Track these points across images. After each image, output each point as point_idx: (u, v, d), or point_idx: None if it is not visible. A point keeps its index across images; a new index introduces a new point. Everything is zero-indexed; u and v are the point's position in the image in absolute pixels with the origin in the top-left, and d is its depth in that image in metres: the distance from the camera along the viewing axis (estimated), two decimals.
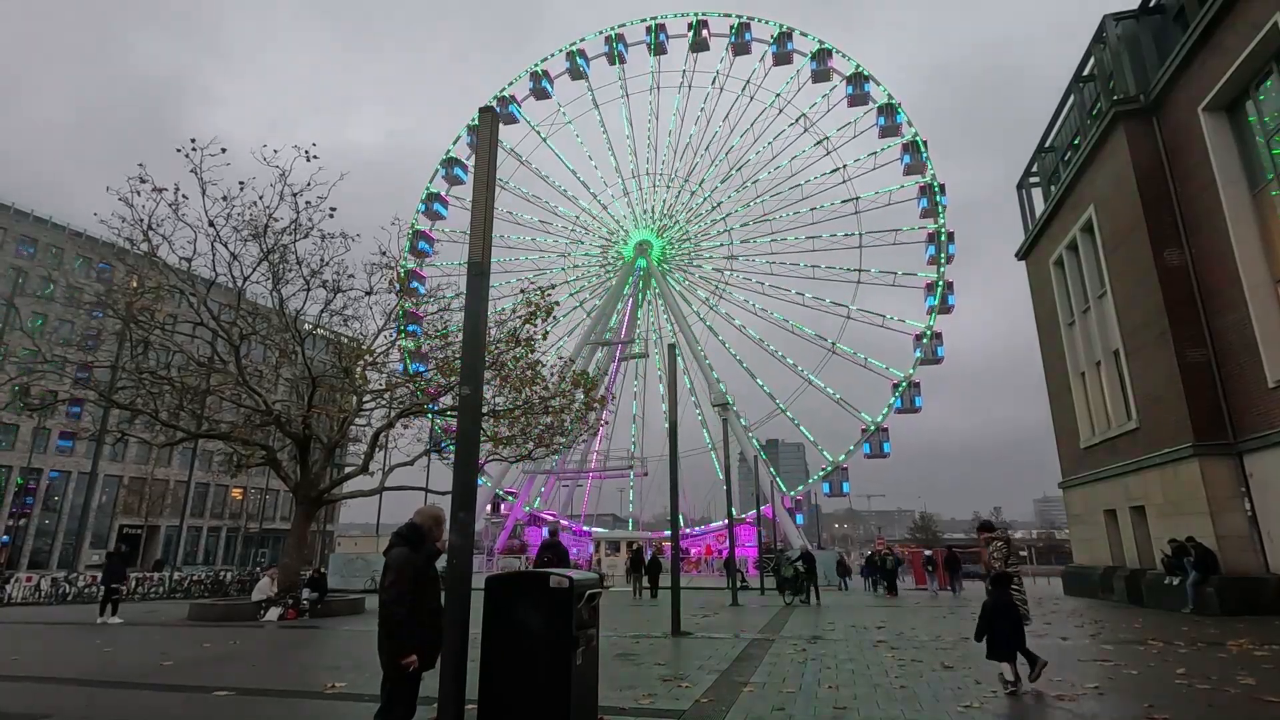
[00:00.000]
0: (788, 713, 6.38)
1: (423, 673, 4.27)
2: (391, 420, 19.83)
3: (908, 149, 46.59)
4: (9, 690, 7.81)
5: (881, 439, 46.14)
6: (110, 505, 60.23)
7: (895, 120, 46.98)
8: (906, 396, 45.60)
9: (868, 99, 47.95)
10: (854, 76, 48.35)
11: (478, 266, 5.72)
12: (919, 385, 45.87)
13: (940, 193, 46.17)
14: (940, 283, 45.39)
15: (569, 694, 4.64)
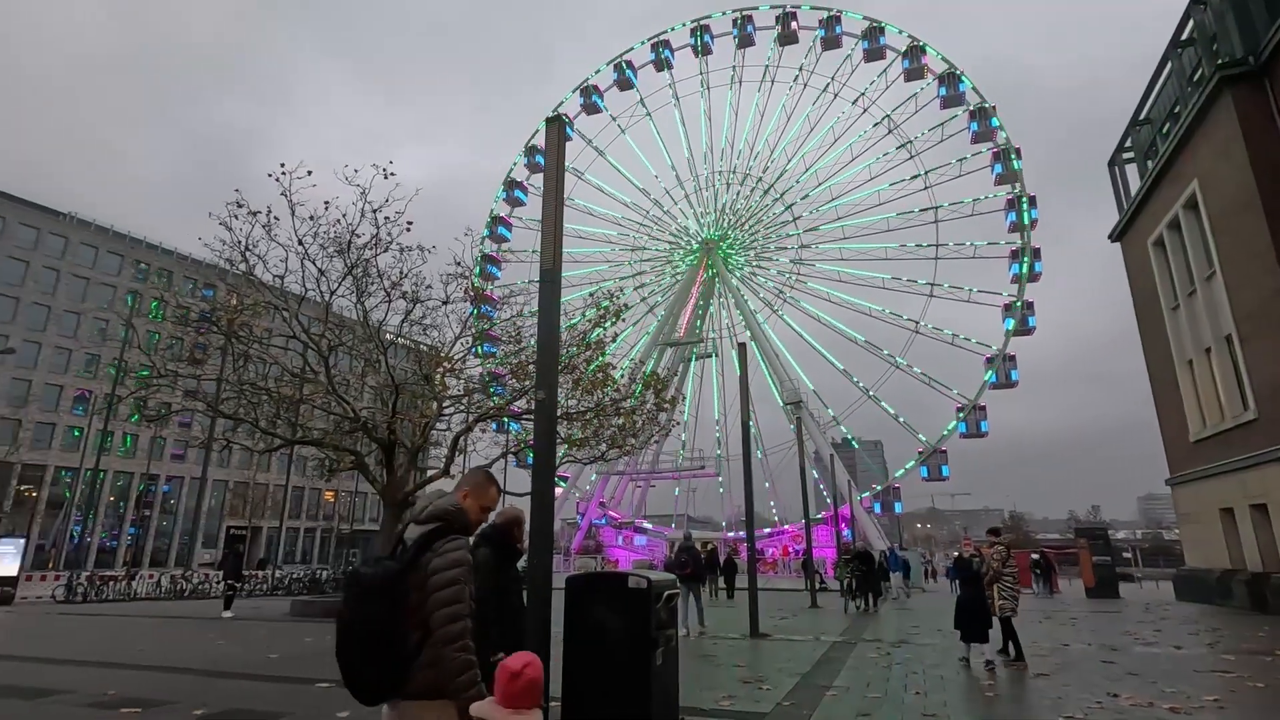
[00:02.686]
0: (874, 718, 6.21)
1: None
2: (470, 425, 20.47)
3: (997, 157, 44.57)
4: (137, 678, 8.53)
5: (978, 417, 44.38)
6: (219, 508, 64.85)
7: (989, 125, 45.01)
8: (1001, 370, 43.70)
9: (962, 100, 45.90)
10: (948, 77, 46.39)
11: (550, 274, 5.85)
12: (1014, 358, 43.93)
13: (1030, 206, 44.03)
14: (1025, 248, 43.46)
15: (649, 693, 4.68)
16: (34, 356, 55.10)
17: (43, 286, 57.45)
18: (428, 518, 2.65)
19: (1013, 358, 43.76)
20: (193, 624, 16.37)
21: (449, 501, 2.76)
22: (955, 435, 44.83)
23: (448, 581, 2.45)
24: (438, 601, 2.41)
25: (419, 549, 2.50)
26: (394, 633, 2.36)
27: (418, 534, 2.57)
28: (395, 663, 2.36)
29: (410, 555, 2.50)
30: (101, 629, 15.33)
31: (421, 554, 2.49)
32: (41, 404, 55.57)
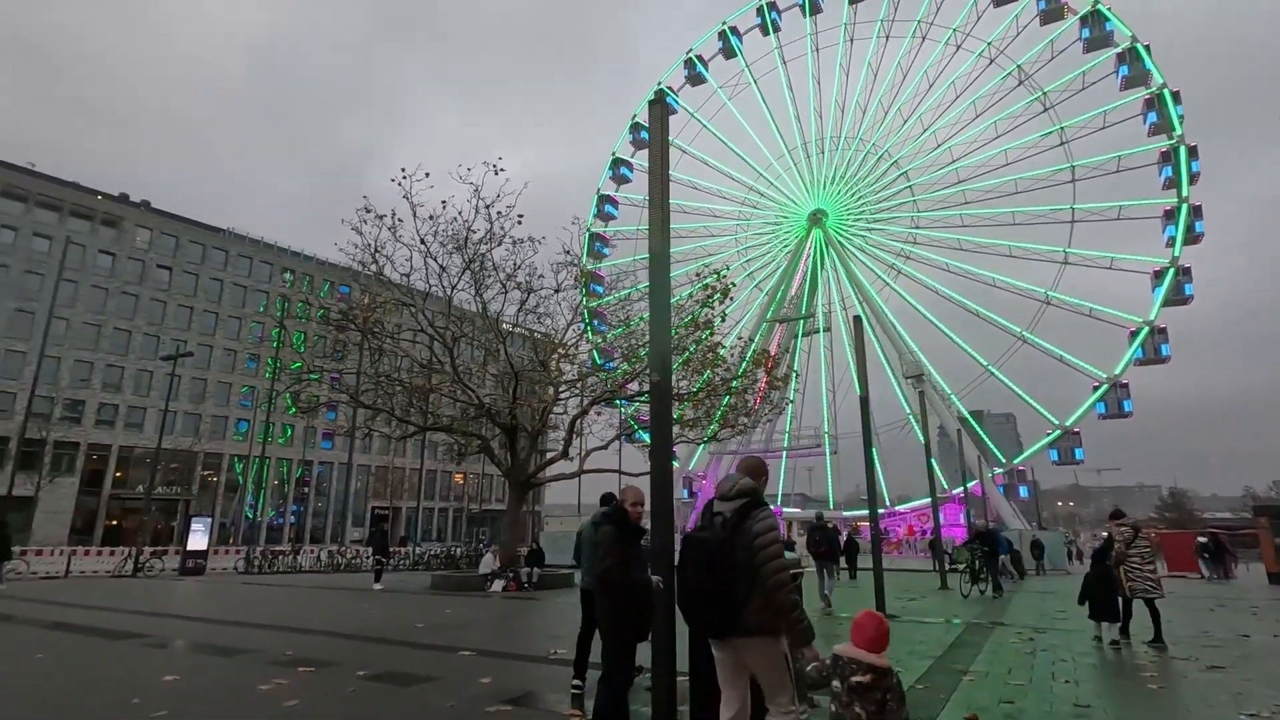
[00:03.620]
0: (1018, 706, 5.87)
1: (636, 644, 4.54)
2: (585, 408, 21.09)
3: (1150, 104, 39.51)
4: (308, 641, 9.56)
5: (1120, 396, 40.15)
6: (364, 490, 70.94)
7: (1142, 67, 39.66)
8: (1150, 345, 39.11)
9: (1109, 40, 40.91)
10: (1091, 16, 41.40)
11: (659, 257, 5.88)
12: (1164, 331, 39.20)
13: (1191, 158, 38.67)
14: (1183, 206, 38.28)
15: None
16: (207, 358, 62.35)
17: (210, 295, 64.77)
18: (736, 494, 3.38)
19: (1163, 330, 39.05)
20: (349, 594, 18.09)
21: (747, 483, 3.46)
22: (1092, 414, 40.83)
23: (770, 542, 3.17)
24: (765, 557, 3.14)
25: (739, 518, 3.23)
26: (731, 583, 3.10)
27: (732, 508, 3.30)
28: (733, 607, 3.09)
29: (733, 523, 3.22)
30: (275, 597, 17.29)
31: (743, 522, 3.21)
32: (215, 400, 62.91)
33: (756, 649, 3.21)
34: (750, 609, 3.11)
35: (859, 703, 2.85)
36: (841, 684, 2.94)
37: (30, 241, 54.88)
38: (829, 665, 3.05)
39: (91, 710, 5.84)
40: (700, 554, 3.22)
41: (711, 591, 3.15)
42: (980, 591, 17.55)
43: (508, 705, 5.78)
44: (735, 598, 3.10)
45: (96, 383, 56.44)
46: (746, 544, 3.15)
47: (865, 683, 2.87)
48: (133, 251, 60.44)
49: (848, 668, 2.94)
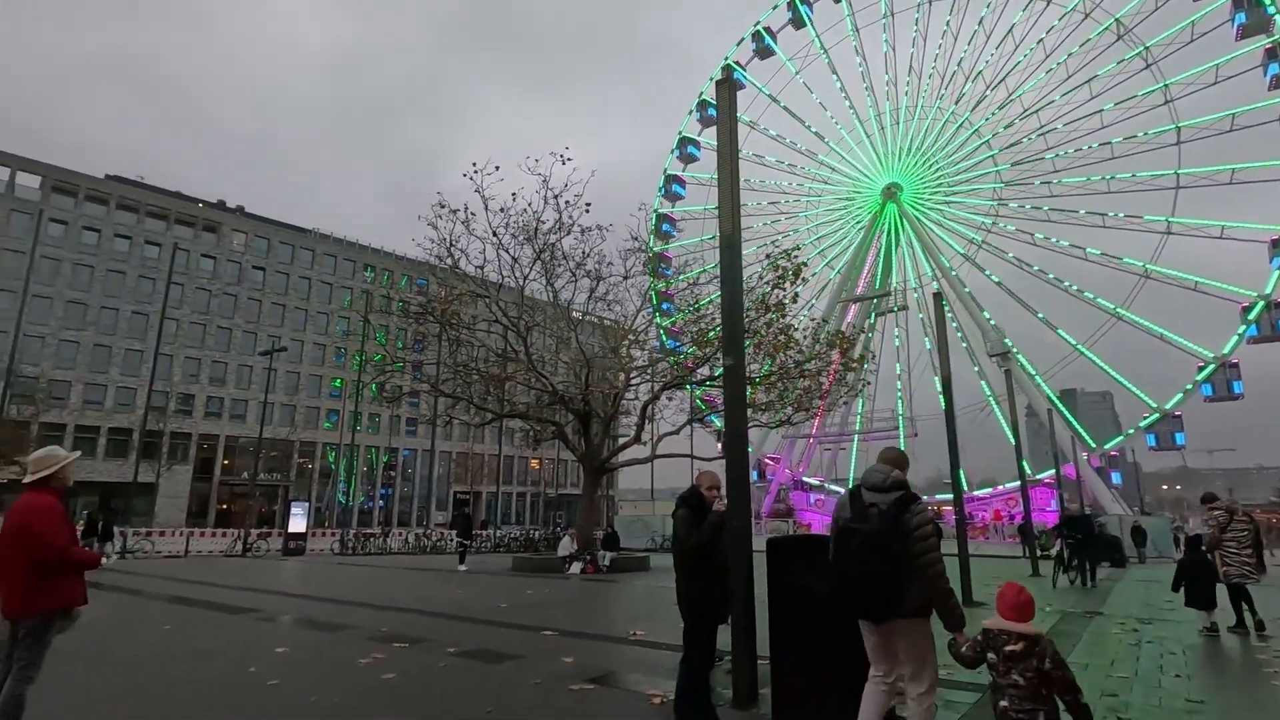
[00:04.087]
0: (1123, 700, 5.56)
1: (716, 626, 4.56)
2: (656, 393, 21.19)
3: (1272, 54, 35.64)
4: (401, 618, 10.08)
5: (1229, 377, 36.99)
6: (446, 475, 73.85)
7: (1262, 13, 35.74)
8: (1265, 321, 35.83)
9: None
10: None
11: (729, 239, 5.83)
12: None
13: None
14: None
15: (863, 661, 4.58)
16: (299, 352, 66.16)
17: (300, 293, 68.59)
18: (891, 486, 3.65)
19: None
20: (436, 575, 18.94)
21: (900, 476, 3.73)
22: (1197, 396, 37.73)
23: (928, 534, 3.47)
24: (924, 548, 3.44)
25: (898, 510, 3.51)
26: (892, 571, 3.42)
27: (888, 500, 3.57)
28: (894, 592, 3.42)
29: (891, 515, 3.50)
30: (368, 576, 18.29)
31: (901, 514, 3.49)
32: (308, 391, 66.76)
33: (909, 631, 3.54)
34: (908, 594, 3.43)
35: (1015, 670, 3.00)
36: (996, 655, 3.08)
37: (143, 249, 59.56)
38: (980, 641, 3.19)
39: (216, 676, 6.37)
40: (860, 543, 3.51)
41: (873, 578, 3.45)
42: (1070, 581, 16.60)
43: (590, 684, 5.92)
44: (895, 584, 3.42)
45: (204, 378, 60.94)
46: (905, 534, 3.45)
47: (1018, 651, 3.01)
48: (230, 254, 64.65)
49: (999, 639, 3.09)
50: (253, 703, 5.43)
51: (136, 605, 11.54)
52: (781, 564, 5.10)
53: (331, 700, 5.42)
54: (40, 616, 4.13)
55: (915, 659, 3.58)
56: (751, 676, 5.25)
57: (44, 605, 4.14)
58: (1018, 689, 2.99)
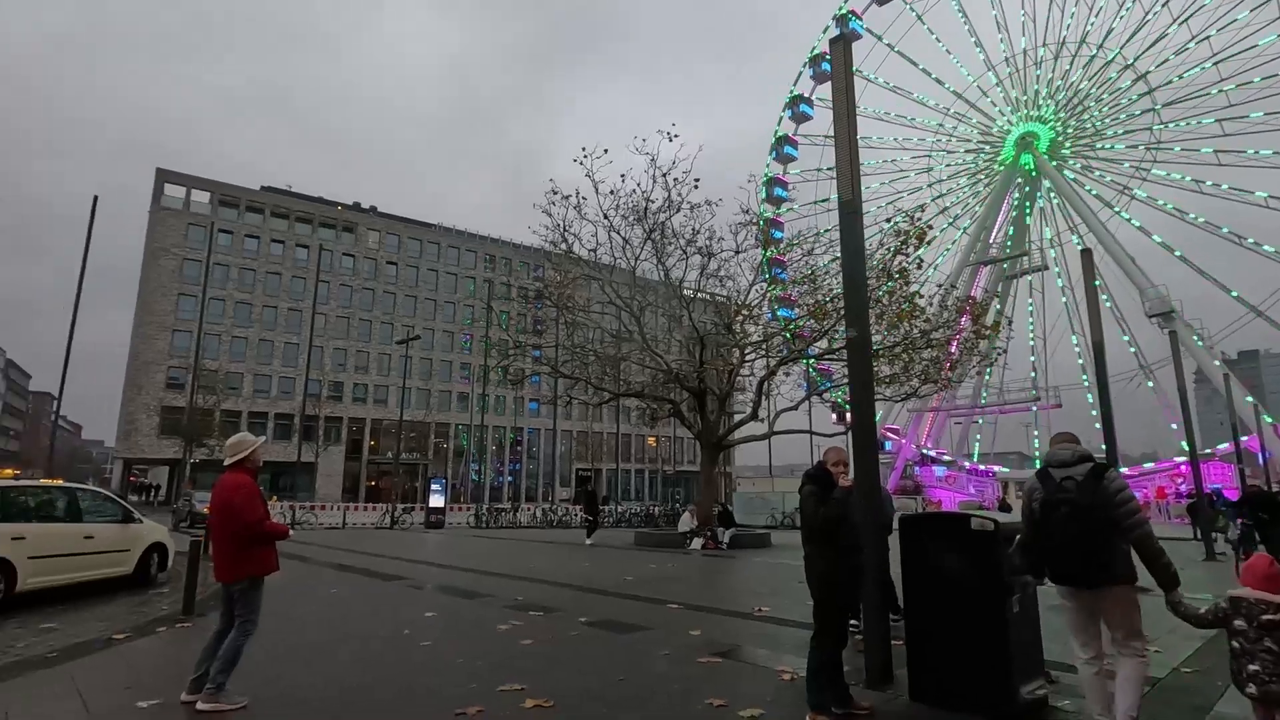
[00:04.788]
0: None
1: (848, 603, 4.45)
2: (772, 369, 20.82)
3: None
4: (534, 589, 10.64)
5: None
6: (568, 453, 76.75)
7: None
8: None
9: None
10: None
11: (850, 205, 5.57)
12: None
13: None
14: None
15: (1006, 641, 4.33)
16: (431, 340, 70.79)
17: (428, 284, 73.24)
18: (1077, 460, 3.87)
19: None
20: (563, 548, 19.80)
21: (1083, 449, 4.00)
22: None
23: (1129, 499, 3.69)
24: (1128, 511, 3.65)
25: (1095, 480, 3.72)
26: (1102, 538, 3.63)
27: (1082, 472, 3.78)
28: (1106, 558, 3.63)
29: (1090, 485, 3.71)
30: (502, 549, 19.43)
31: (1099, 483, 3.70)
32: (440, 376, 71.43)
33: (1118, 596, 3.76)
34: (1116, 559, 3.65)
35: (1269, 638, 3.19)
36: (1248, 623, 3.26)
37: (294, 251, 65.82)
38: (1225, 607, 3.38)
39: (377, 636, 7.03)
40: (1067, 514, 3.69)
41: (1085, 547, 3.65)
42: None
43: (718, 657, 5.99)
44: (1107, 550, 3.64)
45: (350, 366, 66.75)
46: (1107, 502, 3.66)
47: (1276, 620, 3.16)
48: (367, 252, 70.04)
49: (1254, 608, 3.25)
50: (411, 661, 5.95)
51: (307, 572, 12.92)
52: (916, 542, 4.89)
53: (476, 663, 5.82)
54: (247, 580, 4.78)
55: (1126, 624, 3.81)
56: (885, 655, 5.10)
57: (249, 571, 4.80)
58: (1271, 655, 3.19)
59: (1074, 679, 4.97)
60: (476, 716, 4.38)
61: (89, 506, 10.21)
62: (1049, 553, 3.80)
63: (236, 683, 4.71)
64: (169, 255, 58.71)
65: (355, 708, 4.64)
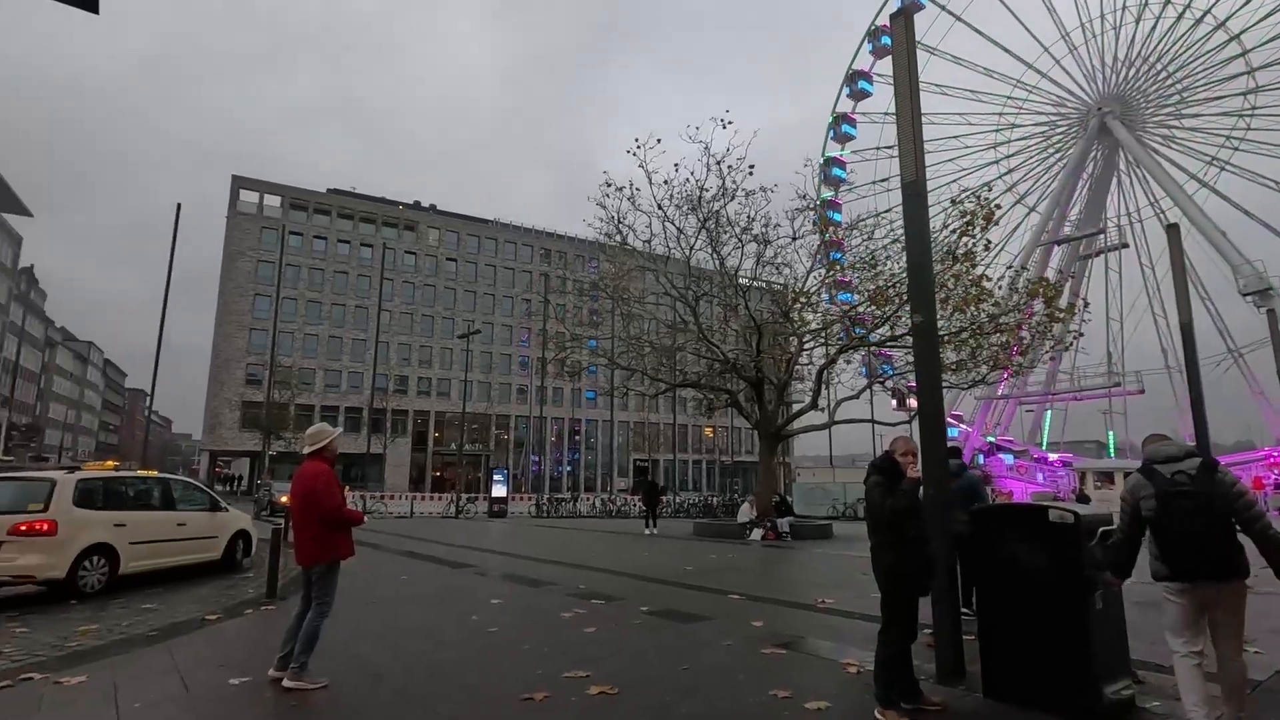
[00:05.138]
0: None
1: (916, 599, 4.34)
2: (832, 357, 20.40)
3: None
4: (595, 577, 10.78)
5: None
6: (625, 444, 77.29)
7: None
8: None
9: None
10: None
11: (913, 186, 5.38)
12: None
13: None
14: None
15: (1087, 640, 4.13)
16: (490, 334, 72.34)
17: (487, 280, 74.78)
18: (1186, 455, 3.87)
19: None
20: (623, 538, 19.99)
21: (1189, 444, 4.10)
22: None
23: (1244, 490, 3.73)
24: (1246, 504, 3.66)
25: (1209, 472, 3.72)
26: (1225, 530, 3.61)
27: (1192, 466, 3.76)
28: (1230, 551, 3.60)
29: (1203, 478, 3.69)
30: (563, 538, 19.76)
31: (1211, 476, 3.69)
32: (499, 369, 72.96)
33: (1237, 590, 3.69)
34: (1240, 552, 3.61)
35: None
36: None
37: (359, 251, 68.25)
38: None
39: (446, 620, 7.27)
40: (1191, 508, 3.65)
41: (1212, 540, 3.61)
42: None
43: (781, 648, 5.93)
44: (1232, 543, 3.60)
45: (414, 360, 68.89)
46: (1225, 494, 3.65)
47: None
48: (427, 249, 71.99)
49: None
50: (479, 647, 6.13)
51: (379, 558, 13.46)
52: (988, 534, 4.72)
53: (541, 649, 5.95)
54: (325, 565, 5.04)
55: (1239, 620, 3.75)
56: (956, 650, 4.95)
57: (327, 555, 5.06)
58: None
59: (1161, 679, 4.73)
60: (543, 701, 4.47)
61: (181, 496, 10.91)
62: (1170, 547, 3.73)
63: (318, 662, 4.96)
64: (245, 257, 61.78)
65: (429, 688, 4.81)
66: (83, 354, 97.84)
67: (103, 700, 4.55)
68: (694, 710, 4.32)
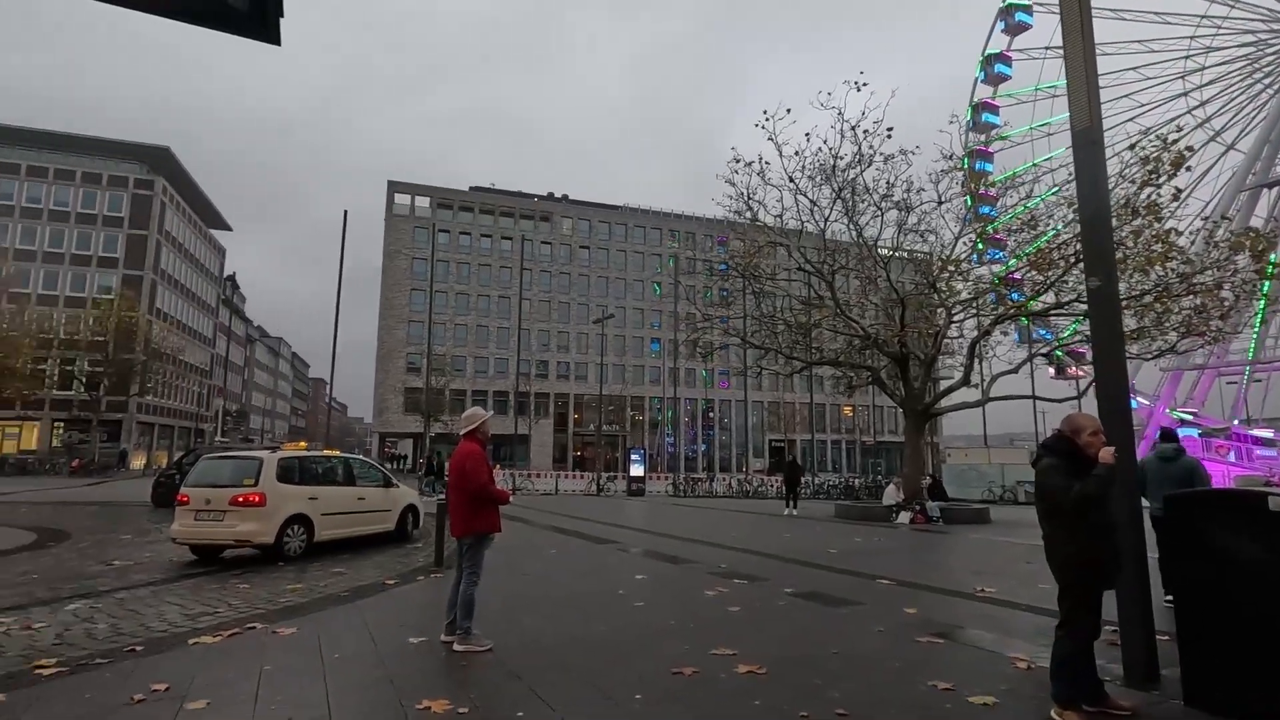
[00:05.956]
0: None
1: (1100, 592, 3.92)
2: (986, 328, 18.87)
3: None
4: (736, 557, 10.78)
5: None
6: (760, 424, 76.39)
7: None
8: None
9: None
10: None
11: (1087, 133, 4.78)
12: None
13: None
14: None
15: None
16: (624, 318, 74.01)
17: (618, 265, 76.42)
18: None
19: None
20: (761, 518, 19.81)
21: None
22: None
23: None
24: None
25: None
26: None
27: None
28: None
29: None
30: (701, 517, 19.93)
31: None
32: (633, 352, 74.54)
33: None
34: None
35: None
36: None
37: (500, 244, 72.24)
38: None
39: (594, 594, 7.60)
40: None
41: None
42: None
43: (939, 638, 5.62)
44: None
45: (553, 346, 72.10)
46: None
47: None
48: (561, 239, 74.74)
49: None
50: (627, 621, 6.34)
51: (530, 533, 14.30)
52: (1189, 523, 4.17)
53: (687, 625, 6.05)
54: (475, 537, 5.46)
55: None
56: (1149, 650, 4.43)
57: (476, 528, 5.47)
58: None
59: None
60: (692, 676, 4.55)
61: (360, 473, 12.20)
62: None
63: (482, 627, 5.37)
64: (401, 256, 67.41)
65: (584, 656, 5.06)
66: (275, 349, 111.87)
67: (311, 650, 5.21)
68: (848, 695, 4.20)
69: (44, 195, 52.89)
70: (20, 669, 4.69)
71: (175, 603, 7.08)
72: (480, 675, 4.66)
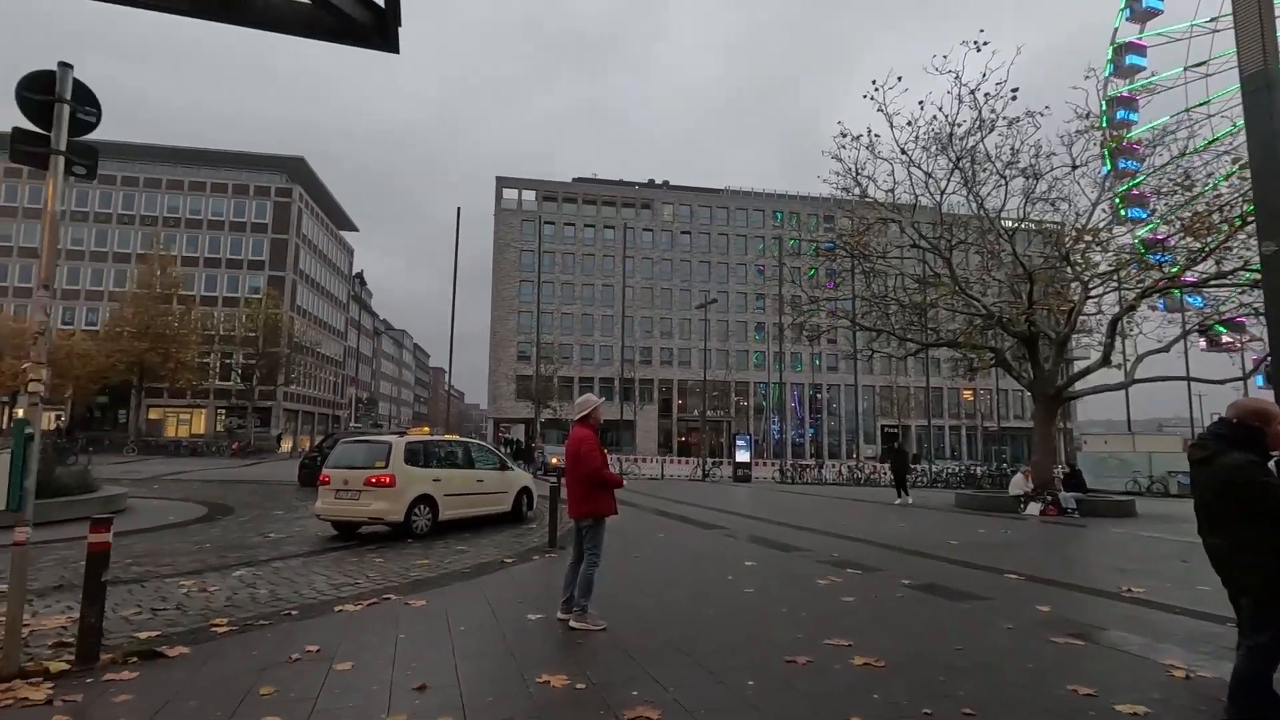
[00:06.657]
0: None
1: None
2: (1131, 303, 17.12)
3: None
4: (848, 545, 10.46)
5: None
6: (871, 409, 73.52)
7: None
8: None
9: None
10: None
11: (1260, 77, 4.19)
12: None
13: None
14: None
15: None
16: (726, 302, 73.31)
17: (720, 248, 75.67)
18: None
19: None
20: (874, 506, 19.11)
21: None
22: None
23: None
24: None
25: None
26: None
27: None
28: None
29: None
30: (810, 504, 19.49)
31: None
32: (736, 337, 73.73)
33: None
34: None
35: None
36: None
37: (603, 233, 73.41)
38: None
39: (704, 578, 7.63)
40: None
41: None
42: None
43: (1078, 639, 5.21)
44: None
45: (656, 332, 72.62)
46: None
47: None
48: (663, 225, 74.89)
49: None
50: (737, 606, 6.33)
51: (638, 517, 14.55)
52: None
53: (799, 614, 5.95)
54: (593, 519, 5.62)
55: None
56: None
57: (592, 510, 5.63)
58: None
59: None
60: (806, 666, 4.48)
61: (478, 456, 12.87)
62: None
63: (596, 607, 5.53)
64: (510, 249, 70.07)
65: (695, 640, 5.09)
66: (399, 340, 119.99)
67: (439, 621, 5.59)
68: (974, 694, 3.99)
69: (203, 207, 59.53)
70: (200, 626, 5.35)
71: (321, 573, 7.80)
72: (595, 653, 4.81)
